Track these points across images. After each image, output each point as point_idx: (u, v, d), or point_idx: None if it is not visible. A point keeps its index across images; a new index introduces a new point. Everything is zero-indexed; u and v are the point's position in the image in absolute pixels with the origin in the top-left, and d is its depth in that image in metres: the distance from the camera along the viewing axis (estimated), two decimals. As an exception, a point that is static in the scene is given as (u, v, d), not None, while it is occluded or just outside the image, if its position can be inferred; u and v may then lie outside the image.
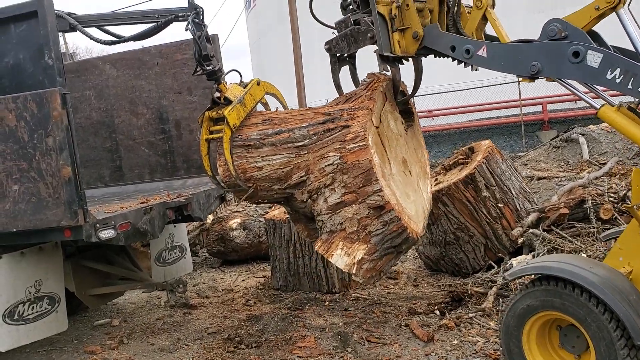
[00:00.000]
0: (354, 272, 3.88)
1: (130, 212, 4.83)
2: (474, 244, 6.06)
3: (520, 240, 5.89)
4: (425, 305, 5.52)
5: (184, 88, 6.48)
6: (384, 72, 4.15)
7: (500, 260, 5.95)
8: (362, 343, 4.84)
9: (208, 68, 4.30)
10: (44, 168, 4.23)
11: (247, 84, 4.47)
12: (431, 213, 6.02)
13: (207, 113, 4.35)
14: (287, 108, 4.81)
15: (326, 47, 4.21)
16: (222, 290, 7.07)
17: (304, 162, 4.10)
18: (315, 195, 4.07)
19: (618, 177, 7.43)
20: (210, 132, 4.37)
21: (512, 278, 3.96)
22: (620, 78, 3.13)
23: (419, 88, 4.31)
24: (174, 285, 5.74)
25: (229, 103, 4.29)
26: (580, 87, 3.46)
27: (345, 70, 4.42)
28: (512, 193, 6.14)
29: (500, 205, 6.00)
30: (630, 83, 3.11)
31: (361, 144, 3.85)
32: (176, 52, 6.46)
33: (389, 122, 4.20)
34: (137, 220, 4.84)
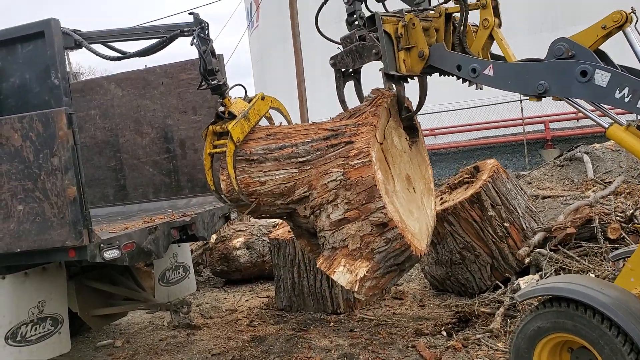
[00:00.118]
0: (356, 289, 3.81)
1: (135, 232, 4.79)
2: (480, 264, 6.01)
3: (527, 260, 5.84)
4: (432, 326, 5.45)
5: (189, 107, 6.50)
6: (389, 89, 4.14)
7: (507, 280, 5.89)
8: (369, 365, 4.79)
9: (213, 82, 4.29)
10: (49, 188, 4.21)
11: (251, 99, 4.47)
12: (436, 232, 6.02)
13: (211, 127, 4.34)
14: (291, 123, 4.80)
15: (331, 62, 4.21)
16: (226, 310, 7.01)
17: (307, 178, 4.07)
18: (318, 211, 4.03)
19: (624, 195, 7.38)
20: (214, 147, 4.36)
21: (522, 299, 3.90)
22: (629, 97, 3.12)
23: (423, 105, 4.31)
24: (178, 305, 5.68)
25: (233, 117, 4.28)
26: (587, 106, 3.45)
27: (349, 85, 4.42)
28: (518, 212, 6.10)
29: (506, 224, 5.96)
30: (639, 102, 3.10)
31: (365, 161, 3.82)
32: (181, 71, 6.48)
33: (393, 138, 4.18)
34: (141, 240, 4.79)
